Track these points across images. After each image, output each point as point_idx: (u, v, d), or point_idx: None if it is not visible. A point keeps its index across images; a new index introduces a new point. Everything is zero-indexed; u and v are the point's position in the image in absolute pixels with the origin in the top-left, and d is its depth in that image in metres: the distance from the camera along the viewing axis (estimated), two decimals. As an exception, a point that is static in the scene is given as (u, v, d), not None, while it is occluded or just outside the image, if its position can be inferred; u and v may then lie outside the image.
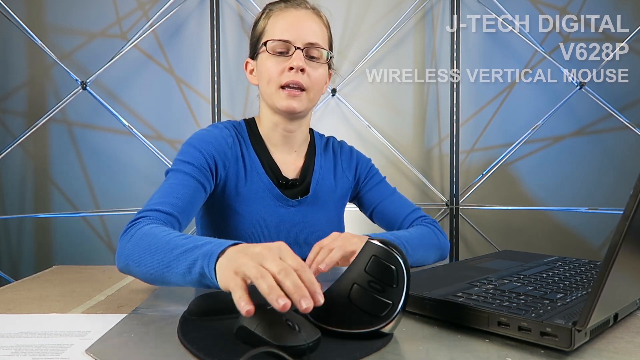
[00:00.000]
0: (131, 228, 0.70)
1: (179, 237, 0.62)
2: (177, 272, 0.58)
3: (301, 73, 0.87)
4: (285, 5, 0.91)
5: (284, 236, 0.95)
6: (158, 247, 0.62)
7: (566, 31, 2.23)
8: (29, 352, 0.48)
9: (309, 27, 0.89)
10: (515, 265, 0.79)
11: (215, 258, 0.53)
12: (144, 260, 0.63)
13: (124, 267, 0.68)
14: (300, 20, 0.89)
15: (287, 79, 0.87)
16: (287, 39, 0.87)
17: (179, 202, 0.78)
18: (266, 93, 0.91)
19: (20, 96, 2.07)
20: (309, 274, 0.47)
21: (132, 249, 0.66)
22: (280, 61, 0.88)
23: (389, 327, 0.50)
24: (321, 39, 0.90)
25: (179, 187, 0.81)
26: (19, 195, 2.08)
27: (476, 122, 2.31)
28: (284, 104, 0.88)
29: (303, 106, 0.90)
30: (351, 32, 2.25)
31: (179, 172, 0.83)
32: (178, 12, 2.12)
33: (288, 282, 0.45)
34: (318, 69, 0.90)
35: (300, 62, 0.86)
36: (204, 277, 0.55)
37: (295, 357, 0.43)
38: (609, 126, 2.19)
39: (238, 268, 0.48)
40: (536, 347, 0.49)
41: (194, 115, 2.19)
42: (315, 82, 0.90)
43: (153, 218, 0.73)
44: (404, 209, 1.02)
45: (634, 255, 0.45)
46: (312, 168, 1.00)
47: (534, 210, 2.26)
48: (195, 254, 0.56)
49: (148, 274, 0.63)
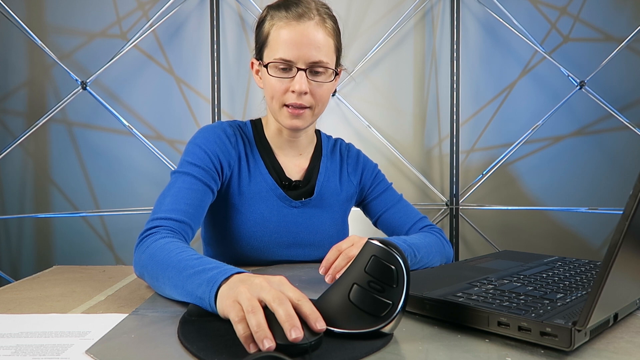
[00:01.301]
0: (147, 238, 0.73)
1: (190, 258, 0.63)
2: (184, 292, 0.60)
3: (304, 95, 0.85)
4: (287, 15, 0.85)
5: (286, 236, 0.95)
6: (170, 265, 0.64)
7: (566, 31, 2.23)
8: (29, 352, 0.48)
9: (312, 44, 0.84)
10: (515, 265, 0.79)
11: (217, 287, 0.54)
12: (156, 274, 0.66)
13: (140, 275, 0.73)
14: (303, 37, 0.83)
15: (290, 100, 0.86)
16: (288, 58, 0.84)
17: (189, 208, 0.80)
18: (271, 107, 0.91)
19: (20, 96, 2.07)
20: (309, 305, 0.48)
21: (147, 261, 0.69)
22: (283, 81, 0.85)
23: (389, 327, 0.51)
24: (326, 53, 0.85)
25: (189, 191, 0.82)
26: (19, 195, 2.08)
27: (476, 122, 2.31)
28: (287, 123, 0.88)
29: (307, 123, 0.90)
30: (351, 32, 2.25)
31: (187, 175, 0.84)
32: (178, 12, 2.13)
33: (281, 310, 0.46)
34: (322, 86, 0.87)
35: (302, 86, 0.84)
36: (204, 302, 0.56)
37: (296, 356, 0.43)
38: (609, 126, 2.19)
39: (236, 297, 0.50)
40: (536, 347, 0.49)
41: (194, 115, 2.19)
42: (320, 99, 0.88)
43: (167, 228, 0.76)
44: (410, 218, 1.02)
45: (634, 255, 0.45)
46: (317, 170, 1.00)
47: (534, 210, 2.26)
48: (201, 278, 0.58)
49: (159, 287, 0.67)
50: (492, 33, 2.28)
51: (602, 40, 2.20)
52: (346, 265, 0.72)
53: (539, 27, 2.24)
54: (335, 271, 0.73)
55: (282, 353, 0.42)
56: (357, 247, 0.75)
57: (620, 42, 2.10)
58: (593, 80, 2.13)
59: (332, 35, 0.88)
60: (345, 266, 0.72)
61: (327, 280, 0.74)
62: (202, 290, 0.56)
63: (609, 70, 2.14)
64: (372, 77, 2.27)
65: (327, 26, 0.87)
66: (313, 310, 0.48)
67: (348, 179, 1.03)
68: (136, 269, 0.73)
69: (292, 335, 0.44)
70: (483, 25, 2.28)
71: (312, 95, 0.86)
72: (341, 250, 0.75)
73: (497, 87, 2.29)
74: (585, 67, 2.16)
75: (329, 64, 0.86)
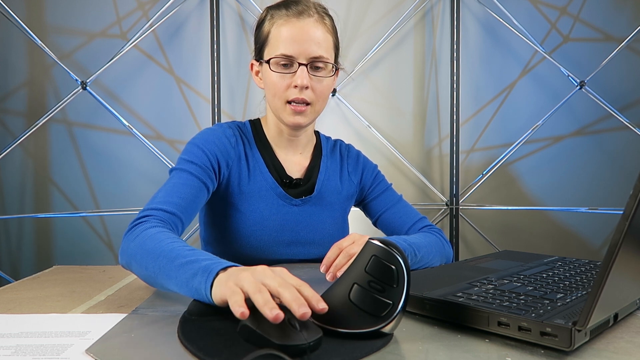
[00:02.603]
0: (136, 227, 0.71)
1: (182, 248, 0.62)
2: (176, 281, 0.59)
3: (306, 89, 0.87)
4: (287, 13, 0.88)
5: (286, 235, 0.95)
6: (161, 254, 0.62)
7: (566, 31, 2.23)
8: (29, 352, 0.48)
9: (313, 40, 0.86)
10: (515, 265, 0.79)
11: (214, 274, 0.54)
12: (145, 262, 0.64)
13: (126, 264, 0.70)
14: (304, 33, 0.86)
15: (293, 96, 0.88)
16: (290, 54, 0.86)
17: (182, 201, 0.80)
18: (273, 105, 0.92)
19: (20, 96, 2.07)
20: (309, 290, 0.49)
21: (136, 249, 0.67)
22: (284, 76, 0.87)
23: (389, 327, 0.51)
24: (325, 49, 0.88)
25: (183, 186, 0.82)
26: (19, 195, 2.08)
27: (476, 122, 2.31)
28: (290, 120, 0.90)
29: (309, 120, 0.92)
30: (351, 32, 2.25)
31: (183, 172, 0.85)
32: (178, 12, 2.12)
33: (287, 293, 0.46)
34: (323, 81, 0.90)
35: (304, 80, 0.86)
36: (199, 291, 0.55)
37: (296, 356, 0.43)
38: (609, 126, 2.19)
39: (237, 282, 0.50)
40: (536, 347, 0.49)
41: (194, 115, 2.19)
42: (321, 95, 0.90)
43: (157, 218, 0.74)
44: (409, 218, 1.02)
45: (634, 255, 0.45)
46: (317, 169, 1.00)
47: (534, 210, 2.26)
48: (195, 267, 0.57)
49: (148, 276, 0.65)
50: (492, 33, 2.28)
51: (602, 40, 2.20)
52: (347, 263, 0.73)
53: (539, 27, 2.24)
54: (336, 269, 0.73)
55: (282, 353, 0.42)
56: (357, 245, 0.75)
57: (620, 42, 2.10)
58: (593, 80, 2.13)
59: (330, 33, 0.91)
60: (346, 264, 0.72)
61: (328, 278, 0.74)
62: (198, 279, 0.55)
63: (609, 70, 2.14)
64: (372, 77, 2.27)
65: (326, 23, 0.90)
66: (314, 294, 0.48)
67: (348, 178, 1.04)
68: (122, 258, 0.70)
69: (300, 312, 0.44)
70: (483, 25, 2.28)
71: (313, 90, 0.88)
72: (342, 248, 0.75)
73: (497, 87, 2.29)
74: (585, 67, 2.16)
75: (329, 59, 0.89)
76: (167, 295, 0.70)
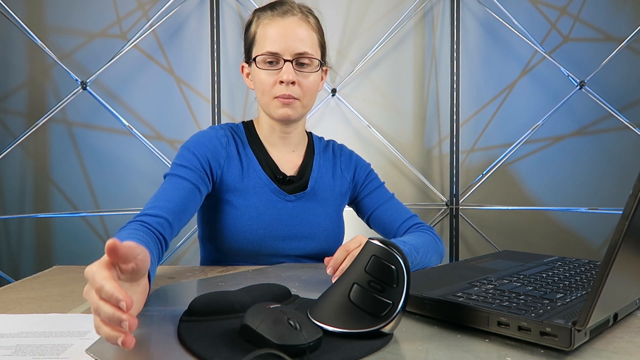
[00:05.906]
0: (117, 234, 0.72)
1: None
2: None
3: (292, 85, 0.90)
4: (272, 14, 0.92)
5: (281, 229, 0.96)
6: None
7: (566, 31, 2.23)
8: (29, 352, 0.48)
9: (297, 37, 0.90)
10: (515, 265, 0.79)
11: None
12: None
13: None
14: (288, 30, 0.90)
15: (280, 92, 0.91)
16: (275, 51, 0.90)
17: (169, 204, 0.81)
18: (262, 102, 0.95)
19: (20, 96, 2.07)
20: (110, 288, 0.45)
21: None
22: (271, 73, 0.91)
23: (389, 327, 0.51)
24: (310, 46, 0.91)
25: (171, 190, 0.85)
26: (19, 195, 2.08)
27: (476, 122, 2.31)
28: (279, 112, 0.93)
29: (297, 113, 0.94)
30: (351, 32, 2.25)
31: (174, 176, 0.88)
32: (178, 12, 2.13)
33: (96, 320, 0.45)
34: (309, 77, 0.92)
35: (289, 75, 0.89)
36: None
37: (296, 356, 0.43)
38: (609, 126, 2.19)
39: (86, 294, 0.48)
40: (536, 347, 0.49)
41: (194, 115, 2.19)
42: (307, 90, 0.93)
43: (139, 222, 0.76)
44: (400, 215, 1.03)
45: (634, 255, 0.45)
46: (310, 166, 1.02)
47: (534, 211, 2.26)
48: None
49: None
50: (492, 33, 2.28)
51: (602, 40, 2.20)
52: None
53: (539, 27, 2.24)
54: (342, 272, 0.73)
55: (282, 353, 0.42)
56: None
57: (620, 42, 2.10)
58: (593, 80, 2.13)
59: (315, 31, 0.94)
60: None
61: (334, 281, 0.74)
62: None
63: (609, 70, 2.14)
64: (372, 77, 2.27)
65: (310, 21, 0.94)
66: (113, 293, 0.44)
67: (341, 175, 1.05)
68: None
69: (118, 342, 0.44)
70: (483, 25, 2.28)
71: (300, 86, 0.91)
72: (349, 251, 0.75)
73: (497, 87, 2.29)
74: (585, 67, 2.16)
75: (314, 55, 0.92)
76: (167, 295, 0.70)
